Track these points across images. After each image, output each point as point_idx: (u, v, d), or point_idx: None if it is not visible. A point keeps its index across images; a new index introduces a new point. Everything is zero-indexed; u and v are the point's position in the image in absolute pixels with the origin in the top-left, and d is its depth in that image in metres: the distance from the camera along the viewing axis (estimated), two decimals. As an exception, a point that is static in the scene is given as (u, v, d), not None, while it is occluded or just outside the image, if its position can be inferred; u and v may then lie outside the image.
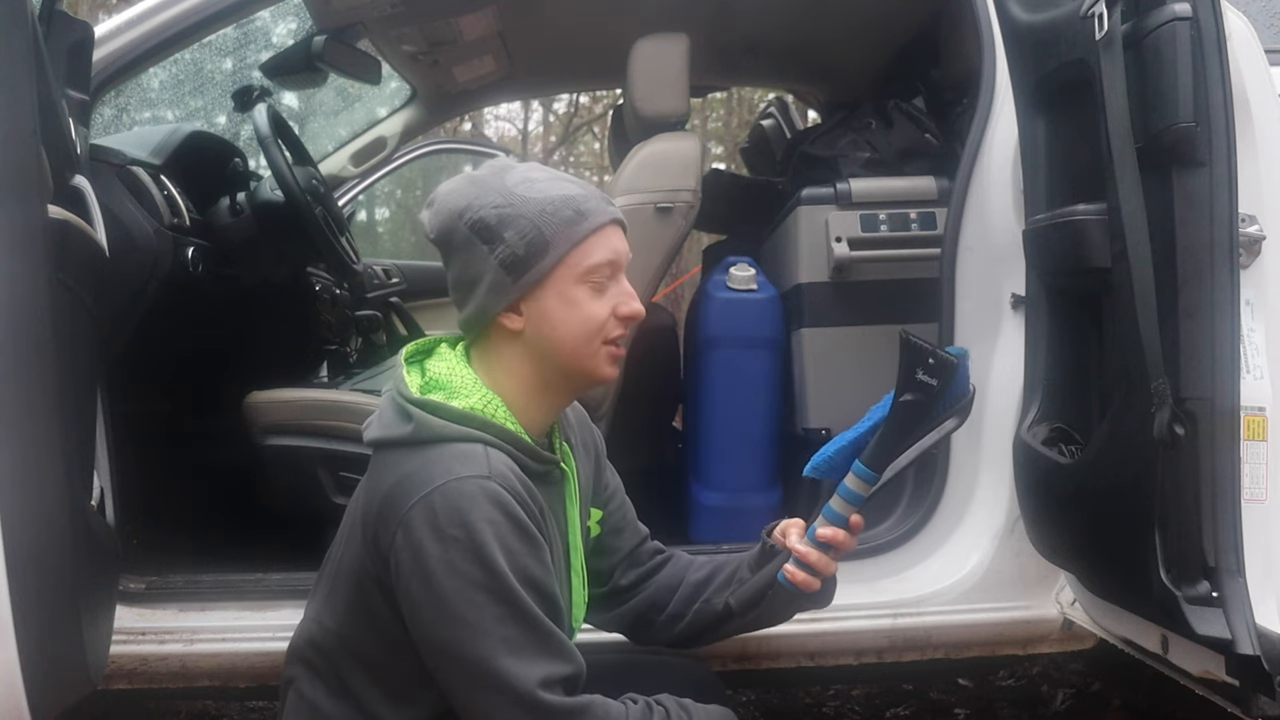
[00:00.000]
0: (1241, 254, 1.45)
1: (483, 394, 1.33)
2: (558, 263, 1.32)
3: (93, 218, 1.68)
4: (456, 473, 1.24)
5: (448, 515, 1.21)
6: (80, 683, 1.50)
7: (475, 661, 1.20)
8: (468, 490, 1.22)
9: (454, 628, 1.21)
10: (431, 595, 1.21)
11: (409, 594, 1.24)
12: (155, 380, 2.32)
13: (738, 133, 10.68)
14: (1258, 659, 1.37)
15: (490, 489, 1.23)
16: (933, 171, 2.47)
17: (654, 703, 1.30)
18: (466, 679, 1.22)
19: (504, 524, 1.22)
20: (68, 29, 1.77)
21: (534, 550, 1.26)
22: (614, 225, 1.37)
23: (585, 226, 1.33)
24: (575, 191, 1.35)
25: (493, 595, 1.21)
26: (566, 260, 1.32)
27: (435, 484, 1.23)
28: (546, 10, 3.04)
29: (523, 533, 1.24)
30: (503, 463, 1.28)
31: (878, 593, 2.05)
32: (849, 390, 2.39)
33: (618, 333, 1.37)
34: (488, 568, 1.20)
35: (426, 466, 1.25)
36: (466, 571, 1.20)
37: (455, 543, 1.20)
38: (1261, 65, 1.55)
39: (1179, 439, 1.38)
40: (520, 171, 1.36)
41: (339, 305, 3.15)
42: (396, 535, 1.23)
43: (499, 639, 1.20)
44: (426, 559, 1.21)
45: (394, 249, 10.63)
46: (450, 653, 1.23)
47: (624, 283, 1.38)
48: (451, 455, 1.26)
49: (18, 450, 1.32)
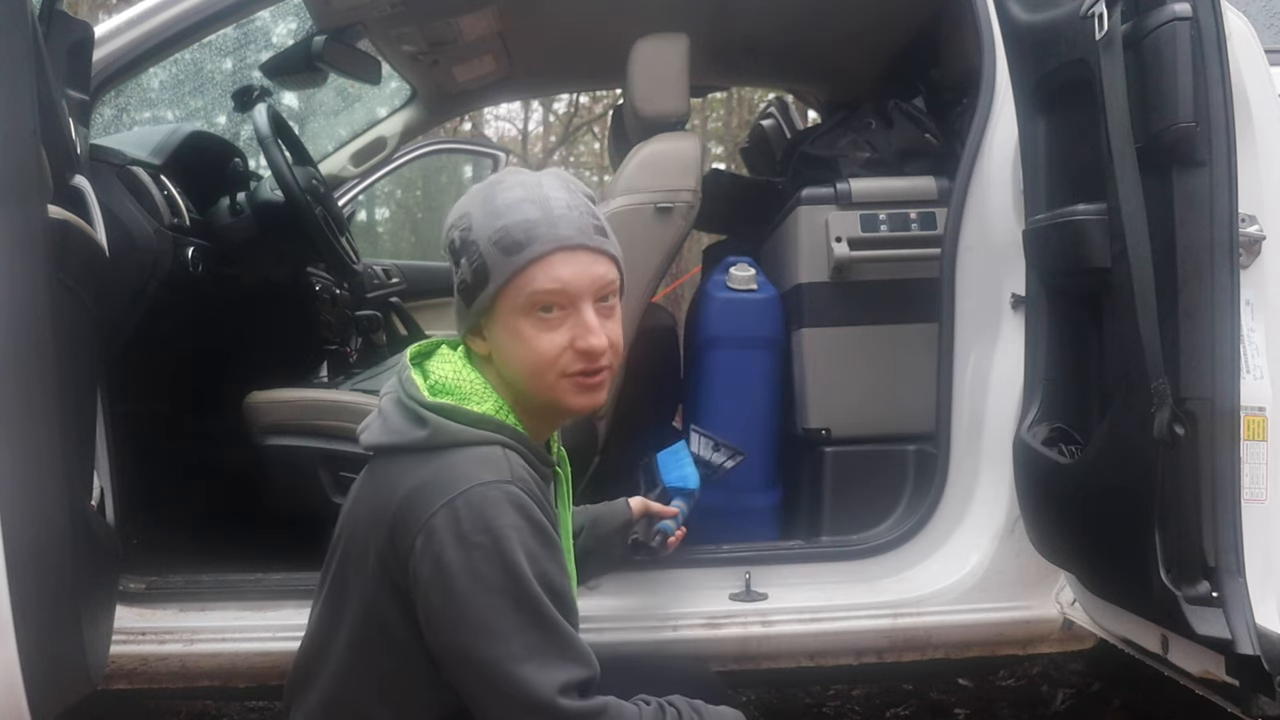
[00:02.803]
0: (1241, 254, 1.45)
1: (495, 399, 1.33)
2: (497, 293, 1.27)
3: (93, 218, 1.68)
4: (479, 477, 1.22)
5: (472, 521, 1.20)
6: (80, 683, 1.50)
7: (495, 669, 1.19)
8: (492, 496, 1.21)
9: (475, 635, 1.20)
10: (453, 602, 1.20)
11: (428, 600, 1.22)
12: (155, 380, 2.32)
13: (738, 133, 10.68)
14: (1258, 659, 1.37)
15: (513, 494, 1.23)
16: (933, 171, 2.47)
17: (666, 704, 1.29)
18: (486, 685, 1.21)
19: (526, 529, 1.22)
20: (68, 29, 1.77)
21: (553, 554, 1.25)
22: (565, 252, 1.27)
23: (523, 256, 1.26)
24: (534, 215, 1.27)
25: (515, 602, 1.20)
26: (505, 291, 1.27)
27: (459, 489, 1.22)
28: (546, 10, 3.04)
29: (544, 536, 1.24)
30: (520, 465, 1.27)
31: (878, 593, 2.05)
32: (849, 390, 2.40)
33: (577, 367, 1.29)
34: (511, 574, 1.20)
35: (447, 471, 1.24)
36: (490, 578, 1.19)
37: (480, 549, 1.19)
38: (1261, 65, 1.55)
39: (1179, 439, 1.38)
40: (503, 188, 1.31)
41: (339, 305, 3.15)
42: (417, 541, 1.22)
43: (520, 646, 1.19)
44: (449, 565, 1.20)
45: (394, 249, 10.64)
46: (471, 659, 1.21)
47: (584, 313, 1.28)
48: (472, 459, 1.25)
49: (18, 450, 1.32)
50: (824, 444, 2.40)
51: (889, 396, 2.35)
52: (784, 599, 2.02)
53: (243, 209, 2.44)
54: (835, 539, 2.23)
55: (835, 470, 2.37)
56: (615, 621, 1.94)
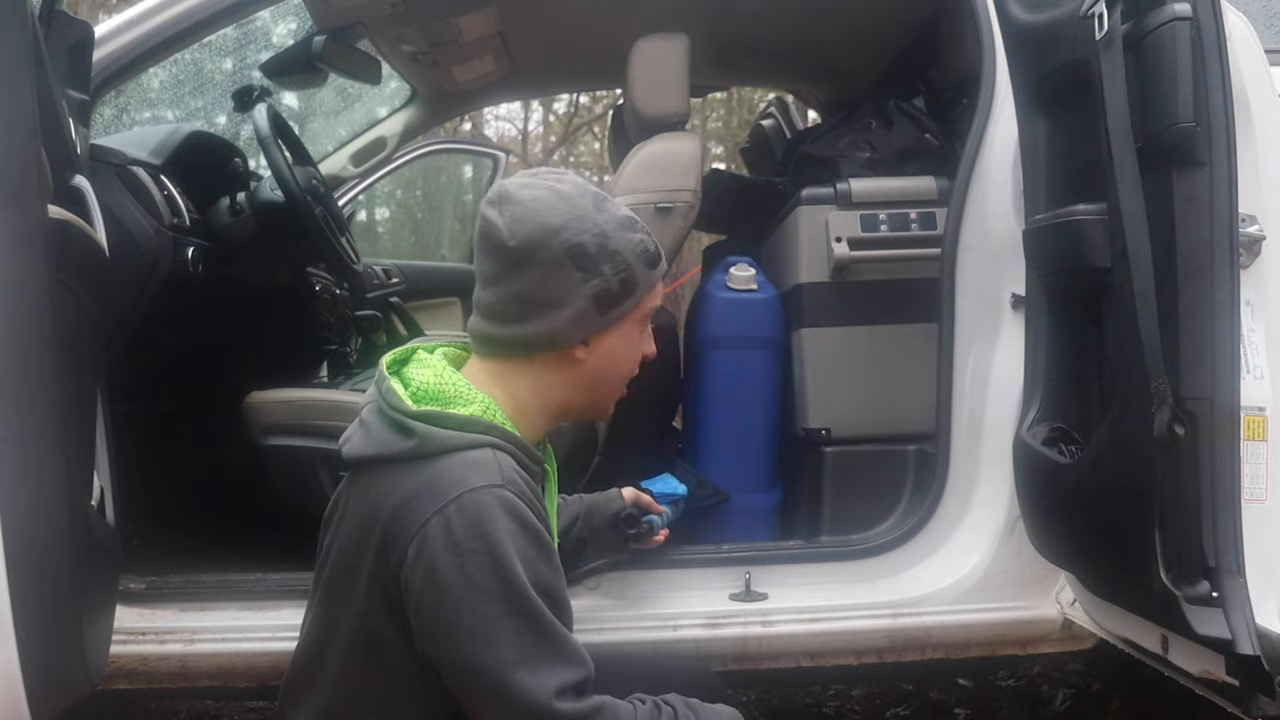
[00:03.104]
0: (1241, 254, 1.45)
1: (482, 399, 1.32)
2: (638, 303, 1.36)
3: (93, 218, 1.67)
4: (471, 483, 1.22)
5: (465, 528, 1.19)
6: (80, 683, 1.49)
7: (491, 674, 1.19)
8: (484, 501, 1.21)
9: (470, 641, 1.19)
10: (447, 609, 1.20)
11: (421, 608, 1.21)
12: (155, 380, 2.32)
13: (738, 133, 10.68)
14: (1258, 659, 1.37)
15: (505, 498, 1.22)
16: (933, 171, 2.47)
17: (662, 702, 1.30)
18: (482, 690, 1.21)
19: (520, 533, 1.22)
20: (68, 29, 1.77)
21: (547, 555, 1.25)
22: None
23: (659, 271, 1.39)
24: (644, 229, 1.38)
25: (510, 607, 1.19)
26: (643, 301, 1.38)
27: (450, 496, 1.21)
28: (546, 10, 3.04)
29: (537, 539, 1.24)
30: (511, 467, 1.27)
31: (878, 593, 2.05)
32: (849, 390, 2.40)
33: (635, 372, 1.43)
34: (506, 580, 1.19)
35: (438, 479, 1.23)
36: (484, 585, 1.19)
37: (473, 555, 1.19)
38: (1261, 65, 1.55)
39: (1179, 439, 1.38)
40: (611, 203, 1.36)
41: (339, 305, 3.15)
42: (409, 550, 1.21)
43: (515, 651, 1.19)
44: (442, 572, 1.19)
45: (394, 249, 10.62)
46: (467, 666, 1.21)
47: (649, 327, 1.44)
48: (463, 464, 1.24)
49: (18, 450, 1.32)
50: (824, 444, 2.40)
51: (889, 396, 2.36)
52: (784, 599, 2.02)
53: (243, 209, 2.43)
54: (835, 539, 2.23)
55: (835, 470, 2.37)
56: (615, 621, 1.94)
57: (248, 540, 2.16)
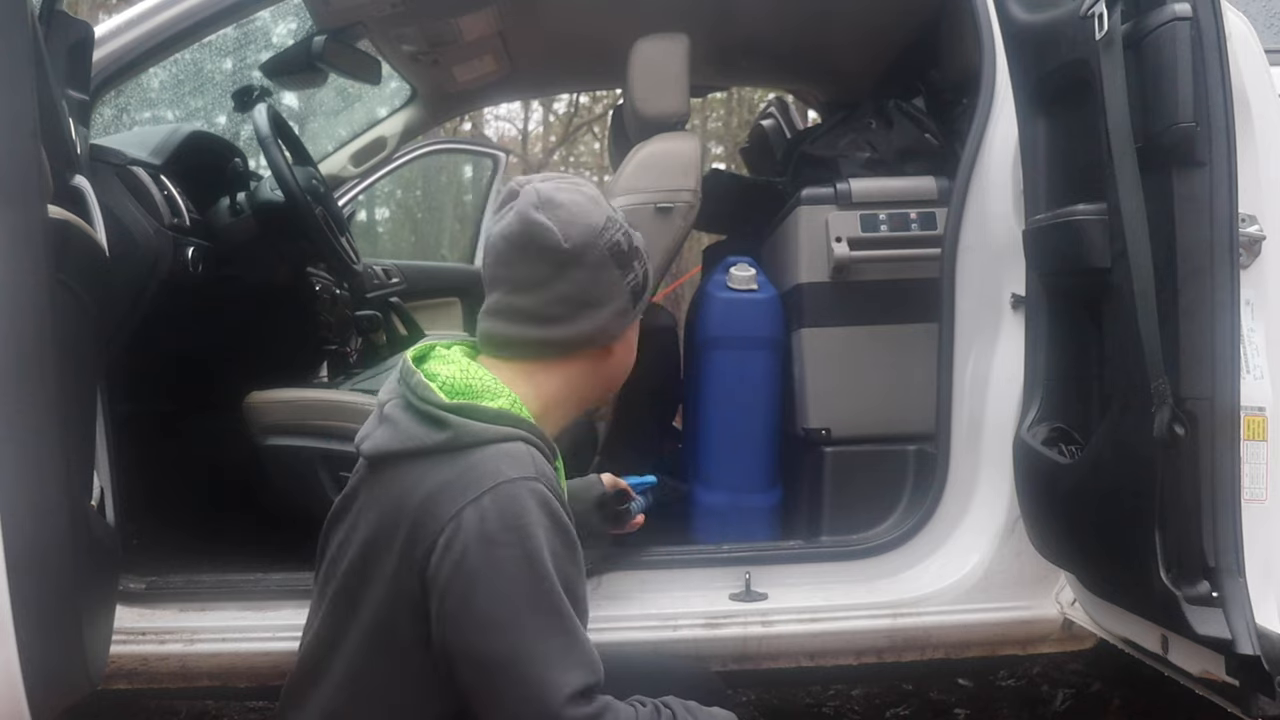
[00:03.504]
0: (1241, 254, 1.45)
1: (509, 395, 1.32)
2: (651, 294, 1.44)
3: (93, 218, 1.67)
4: (506, 474, 1.21)
5: (500, 519, 1.19)
6: (80, 683, 1.49)
7: (510, 670, 1.18)
8: (519, 494, 1.20)
9: (495, 634, 1.18)
10: (474, 600, 1.18)
11: (448, 598, 1.20)
12: (155, 380, 2.32)
13: (738, 133, 10.67)
14: (1258, 659, 1.37)
15: (539, 492, 1.22)
16: (933, 171, 2.47)
17: (661, 705, 1.29)
18: (496, 685, 1.20)
19: (552, 529, 1.21)
20: (68, 29, 1.77)
21: (573, 553, 1.25)
22: None
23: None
24: None
25: (538, 604, 1.19)
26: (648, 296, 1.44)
27: (485, 487, 1.20)
28: (546, 10, 3.04)
29: (566, 535, 1.24)
30: (542, 461, 1.27)
31: (877, 593, 2.05)
32: (849, 390, 2.40)
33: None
34: (537, 574, 1.19)
35: (471, 470, 1.22)
36: (514, 577, 1.18)
37: (507, 548, 1.18)
38: (1261, 65, 1.55)
39: (1179, 439, 1.38)
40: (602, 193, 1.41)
41: (339, 305, 3.15)
42: (440, 539, 1.19)
43: (539, 651, 1.18)
44: (473, 562, 1.18)
45: (394, 249, 10.62)
46: (485, 659, 1.20)
47: None
48: (497, 456, 1.23)
49: (18, 450, 1.32)
50: (824, 444, 2.40)
51: (889, 396, 2.36)
52: (784, 599, 2.02)
53: (243, 209, 2.43)
54: (835, 539, 2.23)
55: (835, 470, 2.37)
56: (615, 621, 1.94)
57: (248, 540, 2.16)
